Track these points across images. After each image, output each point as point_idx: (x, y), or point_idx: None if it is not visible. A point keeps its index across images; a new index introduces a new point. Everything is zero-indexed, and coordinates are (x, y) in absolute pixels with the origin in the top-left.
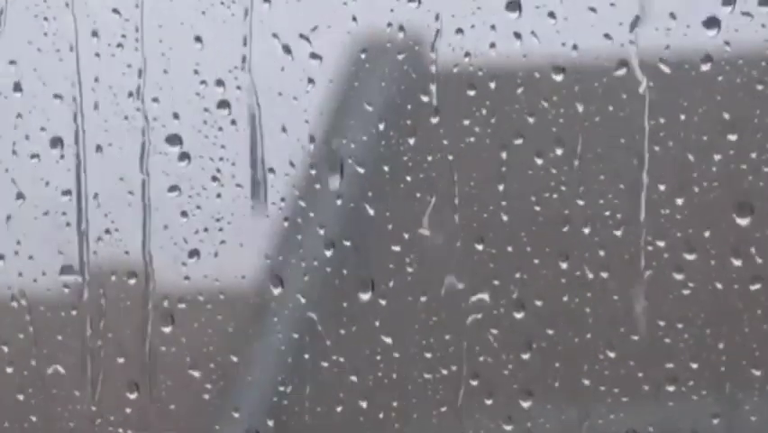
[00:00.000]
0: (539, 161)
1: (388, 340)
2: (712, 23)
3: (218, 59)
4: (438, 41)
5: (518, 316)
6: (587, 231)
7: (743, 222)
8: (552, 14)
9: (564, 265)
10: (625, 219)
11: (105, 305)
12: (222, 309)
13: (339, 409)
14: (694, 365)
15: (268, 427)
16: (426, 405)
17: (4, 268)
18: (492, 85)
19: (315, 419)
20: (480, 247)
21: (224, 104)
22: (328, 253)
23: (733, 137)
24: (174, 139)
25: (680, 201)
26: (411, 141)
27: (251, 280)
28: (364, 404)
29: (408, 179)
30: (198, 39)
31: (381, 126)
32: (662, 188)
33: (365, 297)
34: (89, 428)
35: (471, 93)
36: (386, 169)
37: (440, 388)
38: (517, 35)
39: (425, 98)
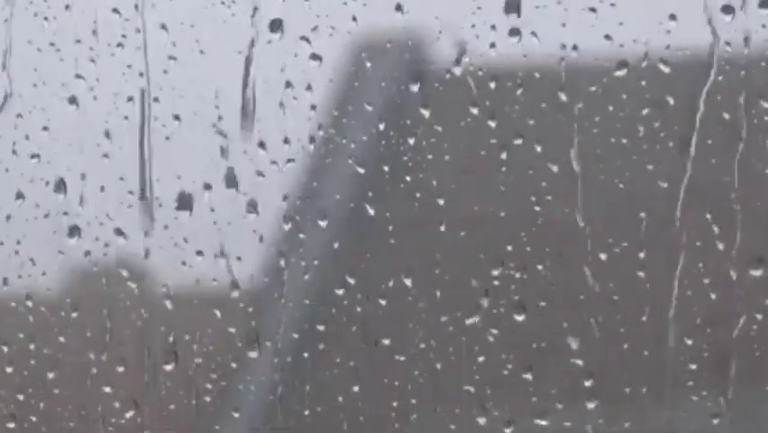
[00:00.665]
0: (539, 162)
1: (387, 341)
2: (712, 23)
3: (218, 60)
4: (438, 41)
5: (519, 316)
6: (587, 231)
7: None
8: (552, 14)
9: (564, 265)
10: (625, 220)
11: (104, 305)
12: (221, 309)
13: (339, 409)
14: (694, 366)
15: (268, 427)
16: (426, 405)
17: (4, 268)
18: (492, 85)
19: (315, 419)
20: (479, 247)
21: (224, 104)
22: (328, 253)
23: (733, 138)
24: (174, 139)
25: (680, 202)
26: (411, 141)
27: (251, 280)
28: (364, 405)
29: (408, 179)
30: (199, 39)
31: (381, 126)
32: (662, 188)
33: (365, 296)
34: (89, 428)
35: (471, 93)
36: (386, 169)
37: (440, 388)
38: (517, 35)
39: (424, 98)
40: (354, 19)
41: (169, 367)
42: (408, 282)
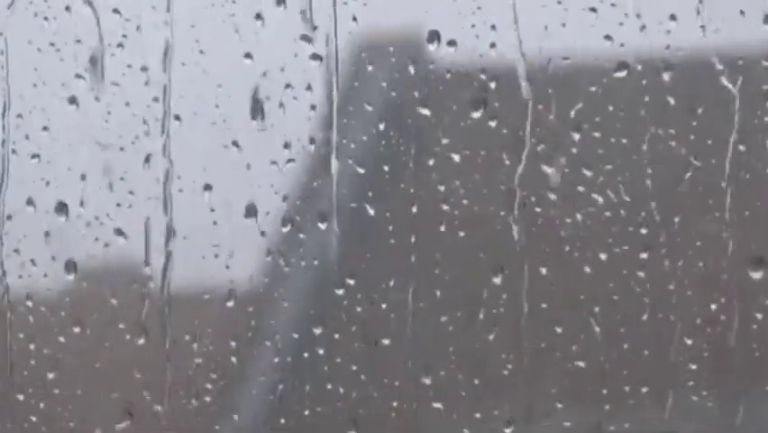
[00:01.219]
0: (539, 162)
1: (387, 341)
2: (712, 23)
3: (218, 60)
4: (438, 41)
5: (520, 316)
6: (587, 231)
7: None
8: (552, 14)
9: (564, 266)
10: (625, 220)
11: (105, 305)
12: (222, 309)
13: (339, 409)
14: (694, 366)
15: (268, 427)
16: (426, 405)
17: (4, 268)
18: (492, 85)
19: (315, 419)
20: (479, 248)
21: (224, 104)
22: (328, 253)
23: (733, 138)
24: (174, 139)
25: (680, 202)
26: (411, 141)
27: (251, 281)
28: (364, 405)
29: (408, 179)
30: (198, 39)
31: (381, 126)
32: (662, 189)
33: (365, 296)
34: (89, 428)
35: (471, 93)
36: (386, 169)
37: (440, 388)
38: (518, 35)
39: (424, 98)
40: (354, 19)
41: (168, 367)
42: (408, 282)
